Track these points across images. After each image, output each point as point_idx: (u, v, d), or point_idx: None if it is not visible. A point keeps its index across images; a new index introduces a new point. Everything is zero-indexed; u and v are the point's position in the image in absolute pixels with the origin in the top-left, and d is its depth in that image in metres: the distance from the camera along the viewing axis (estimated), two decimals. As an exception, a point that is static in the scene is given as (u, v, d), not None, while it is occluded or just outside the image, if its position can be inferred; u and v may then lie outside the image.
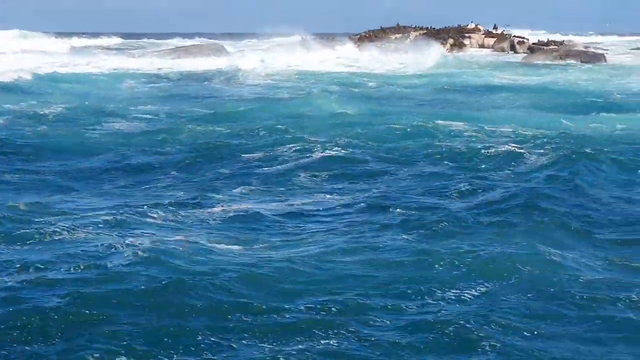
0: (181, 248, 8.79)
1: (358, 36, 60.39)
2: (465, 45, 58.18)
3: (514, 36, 59.92)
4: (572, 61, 48.27)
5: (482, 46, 58.78)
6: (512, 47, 57.65)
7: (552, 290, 7.80)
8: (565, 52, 51.32)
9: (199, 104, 24.40)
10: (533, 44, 57.84)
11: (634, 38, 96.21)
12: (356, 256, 8.79)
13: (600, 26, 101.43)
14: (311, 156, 14.77)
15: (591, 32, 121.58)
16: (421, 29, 60.91)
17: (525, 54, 54.65)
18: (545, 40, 60.75)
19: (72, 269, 8.12)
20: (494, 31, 61.84)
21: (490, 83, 32.89)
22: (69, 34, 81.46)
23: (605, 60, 48.96)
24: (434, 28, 60.67)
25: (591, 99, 26.05)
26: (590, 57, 50.20)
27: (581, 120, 20.34)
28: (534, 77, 36.76)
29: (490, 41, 58.95)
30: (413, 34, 59.03)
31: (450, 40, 58.31)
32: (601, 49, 62.18)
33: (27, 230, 9.40)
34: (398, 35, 59.19)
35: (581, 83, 32.87)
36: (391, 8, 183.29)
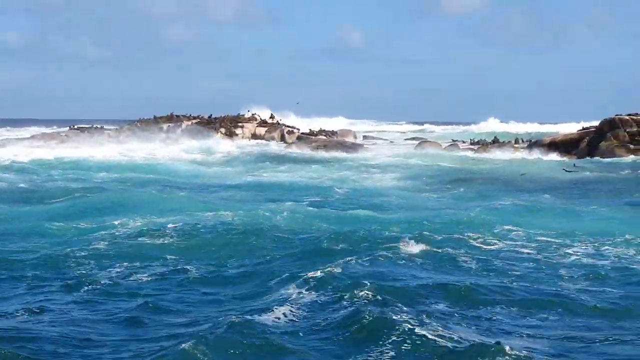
0: None
1: (127, 125, 60.65)
2: (237, 134, 59.39)
3: (286, 126, 61.73)
4: (334, 152, 50.42)
5: (254, 135, 60.14)
6: (283, 137, 59.37)
7: None
8: (324, 142, 53.56)
9: None
10: (302, 133, 59.91)
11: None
12: None
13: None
14: None
15: (403, 122, 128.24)
16: (195, 118, 61.92)
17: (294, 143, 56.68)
18: (334, 129, 64.02)
19: None
20: (270, 120, 63.69)
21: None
22: None
23: (362, 151, 51.41)
24: (209, 117, 61.83)
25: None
26: (348, 148, 52.62)
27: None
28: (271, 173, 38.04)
29: (262, 130, 60.45)
30: (185, 123, 59.89)
31: (222, 130, 59.52)
32: (380, 139, 65.82)
33: None
34: (170, 125, 59.86)
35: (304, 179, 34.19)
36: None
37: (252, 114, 64.45)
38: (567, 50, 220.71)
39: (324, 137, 58.85)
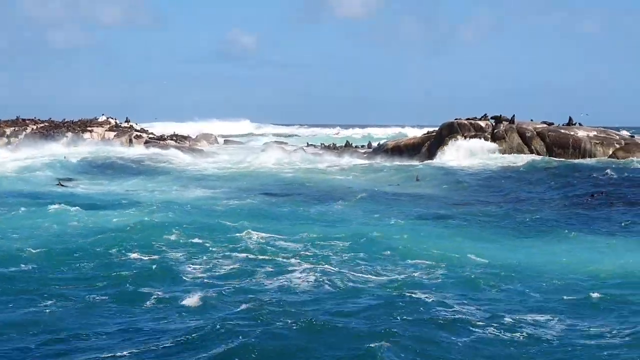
0: None
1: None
2: (85, 139, 57.64)
3: (136, 130, 60.28)
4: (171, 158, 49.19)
5: (104, 139, 58.48)
6: (130, 142, 57.88)
7: None
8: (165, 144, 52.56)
9: None
10: (150, 138, 58.55)
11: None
12: None
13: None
14: None
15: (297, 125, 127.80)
16: (43, 122, 59.94)
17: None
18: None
19: None
20: (124, 124, 62.15)
21: None
22: None
23: (204, 158, 50.30)
24: (55, 120, 59.99)
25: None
26: (189, 151, 51.53)
27: None
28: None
29: (112, 135, 58.86)
30: (31, 127, 57.89)
31: (69, 134, 57.73)
32: (240, 143, 64.92)
33: None
34: (15, 129, 57.76)
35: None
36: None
37: (107, 118, 62.94)
38: (454, 55, 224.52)
39: (174, 143, 57.56)
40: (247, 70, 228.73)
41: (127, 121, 63.28)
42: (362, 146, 57.37)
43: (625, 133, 50.68)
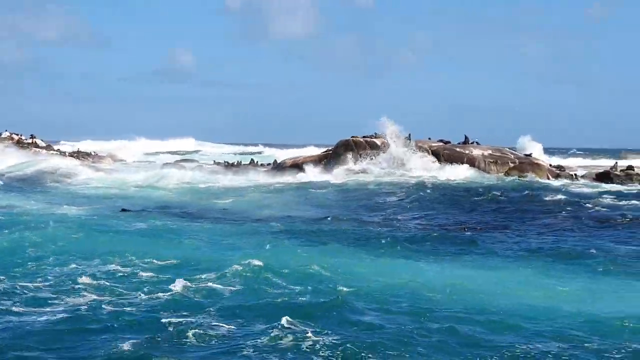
0: None
1: None
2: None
3: (38, 147, 58.44)
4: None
5: (1, 155, 56.43)
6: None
7: None
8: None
9: None
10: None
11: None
12: None
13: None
14: None
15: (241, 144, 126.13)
16: None
17: None
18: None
19: None
20: (29, 140, 60.36)
21: None
22: None
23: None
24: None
25: None
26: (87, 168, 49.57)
27: None
28: None
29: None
30: None
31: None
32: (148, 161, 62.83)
33: None
34: None
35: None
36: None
37: (10, 134, 61.05)
38: (392, 76, 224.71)
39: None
40: (189, 90, 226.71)
41: (31, 137, 61.38)
42: (269, 164, 55.71)
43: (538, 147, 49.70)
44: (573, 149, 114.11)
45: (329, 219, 26.90)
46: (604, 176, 45.23)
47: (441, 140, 46.71)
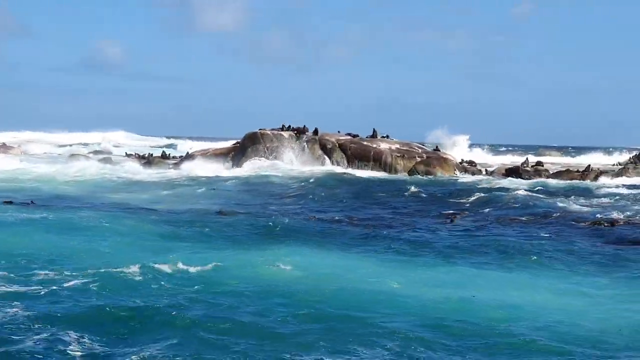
0: None
1: None
2: None
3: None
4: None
5: None
6: None
7: None
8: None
9: None
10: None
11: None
12: None
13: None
14: None
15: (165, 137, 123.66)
16: None
17: None
18: None
19: None
20: None
21: None
22: None
23: None
24: None
25: None
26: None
27: None
28: None
29: None
30: None
31: None
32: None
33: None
34: None
35: None
36: None
37: None
38: (323, 69, 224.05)
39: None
40: (118, 81, 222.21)
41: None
42: (181, 157, 54.32)
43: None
44: (503, 146, 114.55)
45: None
46: (513, 172, 45.00)
47: (349, 134, 45.89)
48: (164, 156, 54.21)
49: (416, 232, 22.38)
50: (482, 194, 31.95)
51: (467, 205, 29.73)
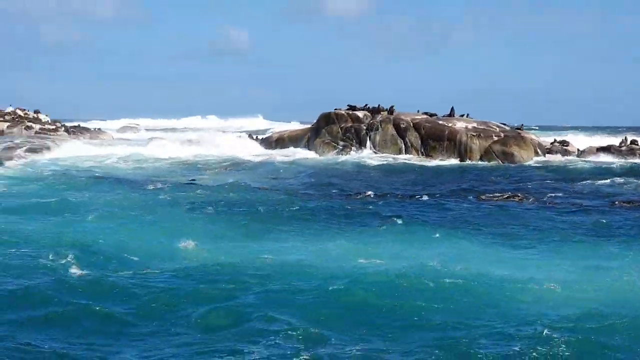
0: None
1: None
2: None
3: (28, 120, 57.77)
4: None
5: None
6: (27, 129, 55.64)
7: None
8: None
9: None
10: (41, 129, 55.97)
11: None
12: None
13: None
14: None
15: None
16: None
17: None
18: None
19: None
20: (34, 115, 59.72)
21: None
22: None
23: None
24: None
25: None
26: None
27: None
28: None
29: (4, 126, 56.39)
30: None
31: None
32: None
33: None
34: None
35: None
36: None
37: (14, 109, 60.52)
38: (449, 54, 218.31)
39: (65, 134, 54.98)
40: (244, 68, 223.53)
41: (36, 112, 60.74)
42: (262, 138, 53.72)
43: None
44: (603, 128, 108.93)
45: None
46: (606, 150, 42.73)
47: (426, 113, 44.12)
48: (251, 137, 53.66)
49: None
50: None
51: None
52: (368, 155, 41.24)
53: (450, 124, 42.03)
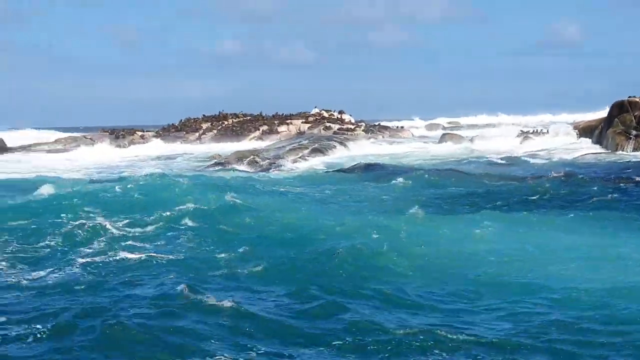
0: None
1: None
2: (279, 132, 57.16)
3: (328, 121, 58.47)
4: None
5: (300, 132, 57.36)
6: (326, 129, 56.42)
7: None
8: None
9: None
10: (339, 129, 56.33)
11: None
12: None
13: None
14: None
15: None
16: (245, 116, 60.47)
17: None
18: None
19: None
20: (337, 116, 60.72)
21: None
22: None
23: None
24: (252, 115, 60.31)
25: None
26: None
27: None
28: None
29: (306, 127, 57.71)
30: (226, 122, 58.89)
31: (264, 127, 57.68)
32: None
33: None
34: (211, 124, 59.19)
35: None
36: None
37: (319, 110, 61.90)
38: None
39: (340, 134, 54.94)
40: (573, 61, 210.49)
41: (340, 112, 61.56)
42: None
43: None
44: None
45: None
46: None
47: None
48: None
49: None
50: None
51: None
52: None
53: None
